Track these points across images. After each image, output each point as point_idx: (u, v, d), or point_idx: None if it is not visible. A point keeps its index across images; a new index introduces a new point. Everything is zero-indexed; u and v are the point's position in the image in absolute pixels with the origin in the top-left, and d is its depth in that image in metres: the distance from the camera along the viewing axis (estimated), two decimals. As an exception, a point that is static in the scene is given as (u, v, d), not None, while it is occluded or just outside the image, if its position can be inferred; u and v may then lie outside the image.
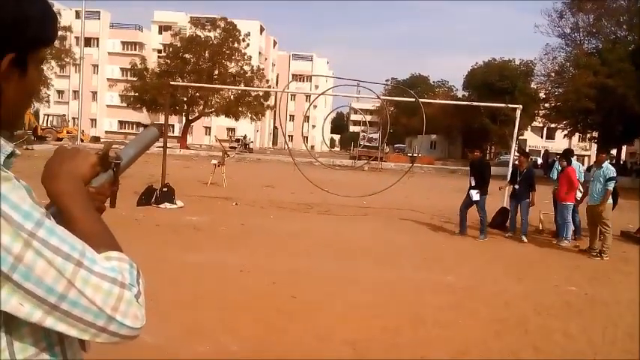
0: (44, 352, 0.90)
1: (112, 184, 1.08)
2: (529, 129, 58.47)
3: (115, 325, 0.85)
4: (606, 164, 9.44)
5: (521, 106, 13.78)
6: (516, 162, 11.26)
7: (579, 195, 10.27)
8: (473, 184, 10.41)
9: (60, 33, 34.37)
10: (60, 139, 39.95)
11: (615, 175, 9.24)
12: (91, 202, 0.99)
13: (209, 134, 70.10)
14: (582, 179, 10.65)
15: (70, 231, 0.88)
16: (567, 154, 10.86)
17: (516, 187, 10.63)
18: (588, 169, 11.80)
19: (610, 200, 9.23)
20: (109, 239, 0.96)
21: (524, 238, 10.22)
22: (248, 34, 46.16)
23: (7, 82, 0.87)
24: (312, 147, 73.05)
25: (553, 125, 48.92)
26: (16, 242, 0.78)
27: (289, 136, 68.30)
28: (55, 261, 0.81)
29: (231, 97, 43.91)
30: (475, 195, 10.23)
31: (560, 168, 10.61)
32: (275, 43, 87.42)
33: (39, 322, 0.82)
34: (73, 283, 0.82)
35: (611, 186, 9.10)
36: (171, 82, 28.18)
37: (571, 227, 10.28)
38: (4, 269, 0.78)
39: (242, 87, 40.45)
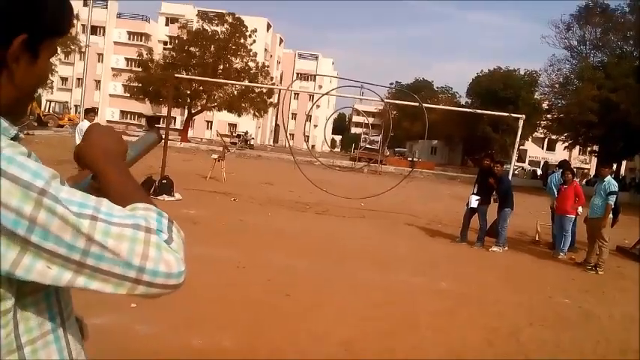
0: (49, 334, 0.89)
1: None
2: (530, 139, 58.58)
3: (147, 274, 0.83)
4: (609, 178, 9.41)
5: (524, 116, 13.75)
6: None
7: (580, 209, 10.31)
8: (475, 190, 10.39)
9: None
10: (61, 126, 39.95)
11: (617, 189, 9.23)
12: (126, 167, 1.04)
13: (210, 128, 70.02)
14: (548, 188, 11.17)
15: (106, 194, 0.91)
16: (564, 165, 11.05)
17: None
18: (588, 182, 11.88)
19: (610, 215, 9.23)
20: (141, 195, 0.96)
21: (495, 249, 9.98)
22: (255, 31, 46.24)
23: (16, 63, 0.86)
24: (313, 146, 73.01)
25: (554, 137, 48.92)
26: (26, 203, 0.76)
27: (290, 134, 68.25)
28: (69, 218, 0.79)
29: (235, 92, 43.91)
30: (474, 202, 10.22)
31: (561, 180, 10.62)
32: (281, 40, 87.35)
33: (69, 284, 0.81)
34: (92, 236, 0.80)
35: (611, 200, 9.09)
36: (176, 75, 28.20)
37: (569, 239, 10.27)
38: (20, 233, 0.76)
39: (246, 83, 40.44)
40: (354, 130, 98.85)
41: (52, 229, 0.78)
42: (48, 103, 43.83)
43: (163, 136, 13.87)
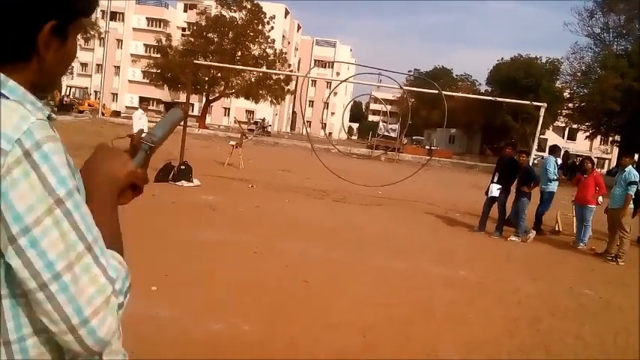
0: None
1: (143, 166, 1.07)
2: (551, 128, 57.69)
3: (85, 330, 0.80)
4: (629, 168, 9.24)
5: (545, 105, 13.55)
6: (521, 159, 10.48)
7: (601, 199, 10.23)
8: (495, 179, 10.25)
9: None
10: (81, 112, 40.36)
11: (637, 179, 9.07)
12: (116, 205, 0.99)
13: (228, 115, 70.23)
14: (555, 176, 10.99)
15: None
16: (554, 150, 11.65)
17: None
18: (609, 172, 11.81)
19: (631, 205, 9.10)
20: (119, 243, 0.95)
21: (514, 238, 9.84)
22: (273, 17, 46.03)
23: (46, 49, 0.88)
24: (330, 134, 72.90)
25: (575, 126, 48.24)
26: (40, 204, 0.77)
27: (308, 121, 68.14)
28: (69, 236, 0.79)
29: (252, 79, 43.90)
30: (495, 190, 10.10)
31: (554, 167, 10.77)
32: (299, 27, 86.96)
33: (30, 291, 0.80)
34: (74, 265, 0.79)
35: (631, 190, 8.94)
36: (195, 61, 28.30)
37: (589, 230, 10.14)
38: (13, 230, 0.77)
39: (264, 69, 40.37)
40: (371, 117, 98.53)
41: (45, 241, 0.77)
42: (68, 88, 44.25)
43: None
